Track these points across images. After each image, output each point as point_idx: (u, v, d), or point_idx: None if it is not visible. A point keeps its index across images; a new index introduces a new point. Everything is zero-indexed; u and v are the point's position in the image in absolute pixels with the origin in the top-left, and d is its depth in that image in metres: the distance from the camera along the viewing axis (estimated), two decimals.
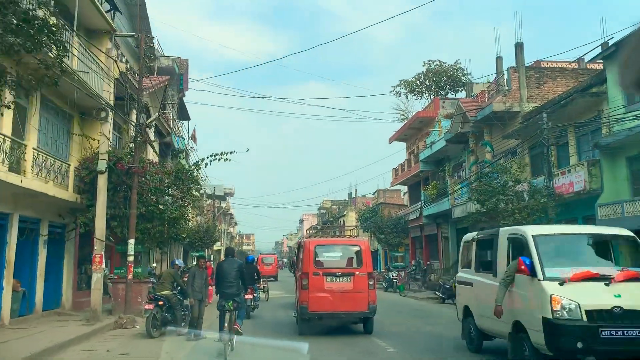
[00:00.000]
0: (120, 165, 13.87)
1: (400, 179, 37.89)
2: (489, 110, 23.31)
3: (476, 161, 26.30)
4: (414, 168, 34.47)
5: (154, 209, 14.99)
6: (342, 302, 11.44)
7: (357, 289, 11.54)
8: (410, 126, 36.14)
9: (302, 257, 12.26)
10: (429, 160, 32.32)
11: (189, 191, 15.98)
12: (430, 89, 36.93)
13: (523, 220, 16.39)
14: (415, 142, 37.64)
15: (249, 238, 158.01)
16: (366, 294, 11.54)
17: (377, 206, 47.98)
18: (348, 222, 59.92)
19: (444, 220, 31.47)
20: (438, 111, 33.37)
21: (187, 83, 28.08)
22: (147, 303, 11.95)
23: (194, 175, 16.01)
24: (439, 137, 30.68)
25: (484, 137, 24.99)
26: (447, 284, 20.69)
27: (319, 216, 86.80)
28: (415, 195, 38.40)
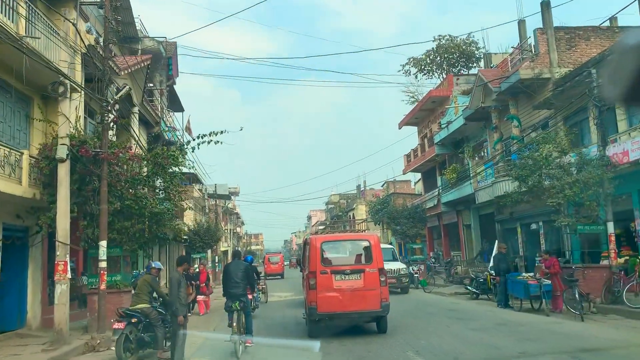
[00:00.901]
0: (84, 150, 11.28)
1: (413, 165, 35.18)
2: (515, 78, 20.59)
3: (501, 138, 23.59)
4: (429, 152, 31.76)
5: (132, 203, 12.41)
6: (353, 301, 10.75)
7: (368, 287, 10.85)
8: (422, 107, 33.42)
9: (309, 254, 11.49)
10: (445, 142, 29.61)
11: (172, 180, 13.36)
12: (442, 67, 34.16)
13: (575, 197, 13.71)
14: (427, 125, 34.92)
15: (257, 237, 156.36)
16: (378, 292, 10.82)
17: (389, 197, 45.33)
18: (358, 215, 57.30)
19: (465, 206, 28.79)
20: (452, 89, 30.68)
21: (177, 68, 25.50)
22: (117, 321, 9.40)
23: (178, 160, 13.41)
24: (455, 116, 27.98)
25: (510, 110, 22.27)
26: (480, 277, 18.04)
27: (327, 211, 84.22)
28: (430, 182, 35.69)
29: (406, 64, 34.82)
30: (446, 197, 29.21)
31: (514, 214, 23.29)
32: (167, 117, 24.28)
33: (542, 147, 15.23)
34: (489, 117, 24.86)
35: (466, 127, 26.88)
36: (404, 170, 37.05)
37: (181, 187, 13.98)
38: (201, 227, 29.09)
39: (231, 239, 79.11)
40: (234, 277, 10.12)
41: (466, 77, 31.19)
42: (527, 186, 15.51)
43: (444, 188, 29.22)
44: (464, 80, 30.91)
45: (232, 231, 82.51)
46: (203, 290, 15.51)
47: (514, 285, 14.32)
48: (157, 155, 13.12)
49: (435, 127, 32.92)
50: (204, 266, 16.79)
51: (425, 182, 36.85)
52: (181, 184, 14.43)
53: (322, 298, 10.73)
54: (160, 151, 13.28)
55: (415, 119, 35.88)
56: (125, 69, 16.57)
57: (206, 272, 15.73)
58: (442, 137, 29.07)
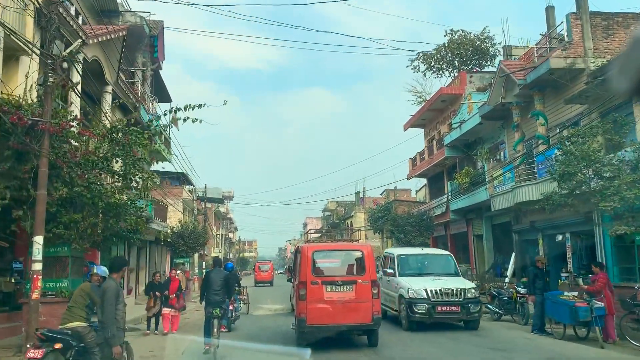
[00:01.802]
0: (17, 117, 8.61)
1: (419, 169, 32.60)
2: (544, 68, 18.09)
3: (522, 138, 21.06)
4: (437, 155, 29.20)
5: (83, 191, 9.75)
6: (344, 313, 10.48)
7: (360, 299, 10.59)
8: (430, 107, 30.91)
9: (300, 263, 11.19)
10: (456, 144, 27.06)
11: (135, 164, 10.62)
12: (453, 64, 31.70)
13: (636, 200, 11.12)
14: (436, 127, 32.40)
15: (251, 244, 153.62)
16: (370, 304, 10.56)
17: (390, 204, 42.73)
18: (356, 223, 54.65)
19: (477, 215, 26.21)
20: (465, 87, 28.20)
21: (163, 51, 22.93)
22: (34, 347, 6.74)
23: (142, 138, 10.70)
24: (468, 115, 25.48)
25: (535, 106, 19.75)
26: (503, 294, 15.41)
27: (324, 219, 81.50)
28: (437, 188, 33.10)
29: (415, 59, 32.38)
30: (456, 204, 26.62)
31: (536, 223, 20.75)
32: (150, 105, 21.67)
33: (590, 139, 12.65)
34: (508, 116, 22.36)
35: (481, 127, 24.37)
36: (409, 175, 34.48)
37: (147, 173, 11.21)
38: (185, 229, 26.40)
39: (223, 245, 76.20)
40: (214, 285, 10.34)
41: (480, 75, 28.74)
42: (572, 186, 12.86)
43: (454, 194, 26.65)
44: (478, 78, 28.46)
45: (224, 236, 79.61)
46: (172, 303, 12.70)
47: (555, 307, 11.66)
48: (114, 129, 10.36)
49: (445, 129, 30.42)
50: (176, 273, 13.89)
51: (431, 188, 34.27)
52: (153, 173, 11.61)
53: (312, 309, 10.43)
54: (120, 125, 10.50)
55: (422, 120, 33.37)
56: (93, 37, 14.02)
57: (178, 281, 12.97)
58: (453, 138, 26.53)
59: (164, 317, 12.89)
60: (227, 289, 10.56)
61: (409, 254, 17.08)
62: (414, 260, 16.53)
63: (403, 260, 15.97)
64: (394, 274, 15.27)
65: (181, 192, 41.24)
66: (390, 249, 19.37)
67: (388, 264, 16.59)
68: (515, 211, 21.98)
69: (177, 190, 40.64)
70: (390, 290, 15.37)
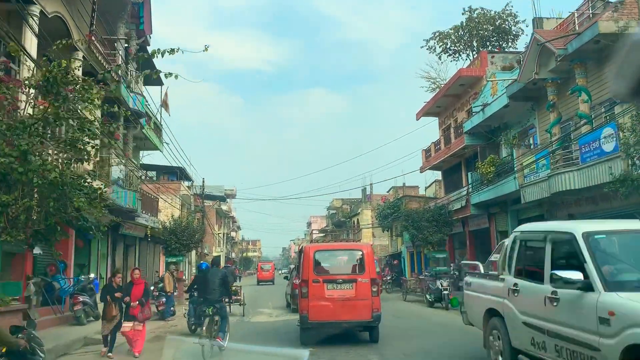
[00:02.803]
0: None
1: (433, 161, 29.92)
2: (590, 34, 15.46)
3: (559, 119, 18.42)
4: (455, 144, 26.55)
5: (13, 162, 7.17)
6: (344, 310, 10.81)
7: (360, 297, 10.89)
8: (447, 92, 28.25)
9: (302, 263, 11.61)
10: (477, 130, 24.40)
11: (83, 127, 7.87)
12: (471, 46, 29.03)
13: None
14: (452, 114, 29.75)
15: (254, 244, 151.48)
16: (369, 302, 10.86)
17: (400, 200, 40.13)
18: (363, 221, 52.06)
19: (501, 209, 23.54)
20: (486, 68, 25.57)
21: (150, 23, 20.38)
22: None
23: (91, 91, 7.94)
24: (492, 97, 22.84)
25: (575, 81, 17.12)
26: None
27: (328, 217, 78.88)
28: (453, 181, 30.45)
29: (430, 38, 29.68)
30: (477, 197, 23.95)
31: (575, 216, 18.11)
32: (135, 85, 19.12)
33: None
34: (540, 95, 19.74)
35: (507, 110, 21.72)
36: (422, 167, 31.82)
37: (100, 137, 8.42)
38: (178, 225, 23.84)
39: (224, 244, 73.68)
40: (211, 284, 10.35)
41: (503, 56, 26.10)
42: None
43: (475, 186, 24.00)
44: (500, 59, 25.82)
45: (225, 235, 77.11)
46: (134, 313, 9.67)
47: None
48: (50, 78, 7.57)
49: (462, 116, 27.79)
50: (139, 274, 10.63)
51: (447, 181, 31.61)
52: (111, 141, 8.76)
53: (313, 307, 10.81)
54: (57, 70, 7.73)
55: (437, 107, 30.71)
56: None
57: (144, 284, 10.19)
58: (474, 124, 23.86)
59: (125, 336, 9.78)
60: (224, 288, 10.62)
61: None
62: None
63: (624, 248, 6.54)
64: (591, 282, 5.69)
65: (178, 187, 38.84)
66: (556, 224, 8.24)
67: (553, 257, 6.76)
68: (550, 203, 19.37)
69: (174, 186, 38.25)
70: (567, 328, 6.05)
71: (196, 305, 12.07)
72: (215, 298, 10.24)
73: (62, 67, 7.30)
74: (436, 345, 11.04)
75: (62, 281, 14.67)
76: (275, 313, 18.73)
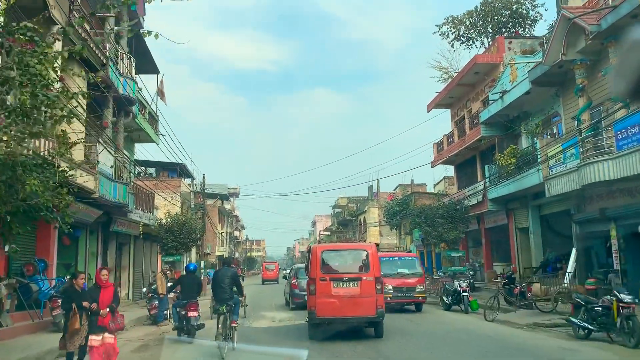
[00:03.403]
0: None
1: (446, 154, 28.31)
2: (629, 7, 13.86)
3: (589, 104, 16.82)
4: (471, 135, 24.94)
5: None
6: (350, 307, 11.37)
7: (365, 294, 11.44)
8: (460, 81, 26.67)
9: (310, 262, 12.13)
10: (494, 120, 22.81)
11: (35, 92, 6.14)
12: (486, 32, 27.41)
13: None
14: (466, 105, 28.16)
15: (259, 244, 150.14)
16: (373, 299, 11.43)
17: (409, 197, 38.54)
18: (369, 219, 50.43)
19: (521, 204, 21.95)
20: (503, 54, 24.01)
21: (143, 5, 18.86)
22: None
23: (41, 45, 6.27)
24: (511, 84, 21.23)
25: (609, 61, 15.52)
26: (594, 304, 11.15)
27: (334, 216, 77.27)
28: (467, 175, 28.85)
29: (443, 24, 28.07)
30: (496, 192, 22.35)
31: (607, 210, 16.52)
32: (126, 69, 17.61)
33: None
34: (566, 80, 18.19)
35: (528, 97, 20.13)
36: (433, 162, 30.20)
37: (60, 104, 6.76)
38: (175, 222, 22.32)
39: (228, 244, 72.23)
40: (222, 284, 10.63)
41: (521, 41, 24.50)
42: None
43: (493, 180, 22.39)
44: (519, 44, 24.24)
45: (229, 234, 75.63)
46: (104, 323, 7.91)
47: None
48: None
49: (477, 107, 26.19)
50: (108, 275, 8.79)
51: (460, 176, 30.00)
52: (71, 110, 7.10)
53: (320, 303, 11.35)
54: None
55: (449, 98, 29.13)
56: None
57: (113, 287, 8.46)
58: (492, 113, 22.25)
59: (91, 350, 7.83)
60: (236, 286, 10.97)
61: None
62: None
63: None
64: None
65: (179, 185, 37.38)
66: None
67: None
68: (578, 197, 17.76)
69: (175, 183, 36.81)
70: None
71: (179, 308, 11.64)
72: (227, 296, 10.52)
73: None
74: None
75: (41, 282, 13.16)
76: (279, 317, 17.19)
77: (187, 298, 11.54)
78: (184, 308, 11.38)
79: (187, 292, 11.71)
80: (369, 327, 12.04)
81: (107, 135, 16.07)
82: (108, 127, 16.28)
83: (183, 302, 11.55)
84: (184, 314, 11.33)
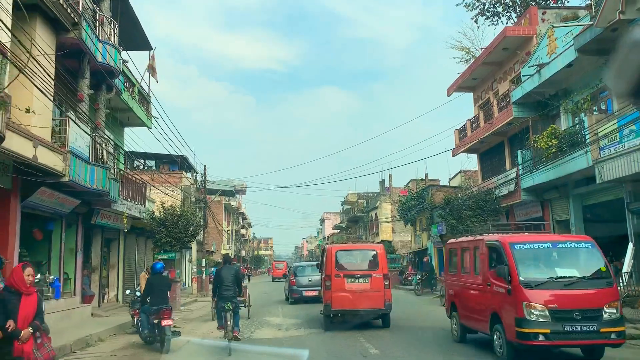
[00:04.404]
0: None
1: (470, 140, 25.62)
2: None
3: None
4: (500, 117, 22.28)
5: None
6: (361, 300, 12.66)
7: (374, 289, 12.75)
8: (486, 59, 24.03)
9: (326, 260, 13.43)
10: (528, 100, 20.18)
11: None
12: (514, 6, 24.75)
13: None
14: (491, 86, 25.53)
15: (267, 242, 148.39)
16: (382, 293, 12.73)
17: (425, 190, 35.94)
18: (382, 215, 47.84)
19: (561, 193, 19.30)
20: (536, 26, 21.36)
21: None
22: None
23: None
24: (549, 57, 18.59)
25: None
26: None
27: (343, 213, 74.71)
28: (493, 165, 26.20)
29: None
30: (531, 180, 19.71)
31: None
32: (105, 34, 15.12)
33: None
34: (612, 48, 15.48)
35: (570, 70, 17.52)
36: (455, 150, 27.54)
37: None
38: (169, 215, 19.84)
39: (234, 242, 69.84)
40: (225, 281, 10.80)
41: (557, 12, 21.84)
42: None
43: (527, 166, 19.73)
44: (554, 16, 21.57)
45: (235, 232, 73.26)
46: (26, 351, 5.17)
47: None
48: None
49: (505, 87, 23.55)
50: (33, 276, 5.77)
51: (485, 165, 27.34)
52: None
53: (335, 297, 12.71)
54: None
55: (472, 79, 26.49)
56: None
57: (37, 296, 5.75)
58: (526, 91, 19.57)
59: None
60: (237, 284, 11.06)
61: None
62: None
63: None
64: None
65: (180, 178, 34.98)
66: None
67: None
68: (635, 182, 15.15)
69: (176, 176, 34.45)
70: None
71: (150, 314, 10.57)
72: (231, 294, 10.74)
73: None
74: None
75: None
76: (285, 324, 14.72)
77: (158, 303, 10.29)
78: (156, 315, 10.06)
79: (157, 296, 10.47)
80: (376, 319, 13.45)
81: (82, 110, 13.62)
82: (83, 101, 13.83)
83: (153, 308, 10.34)
84: (157, 322, 10.07)
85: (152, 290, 10.72)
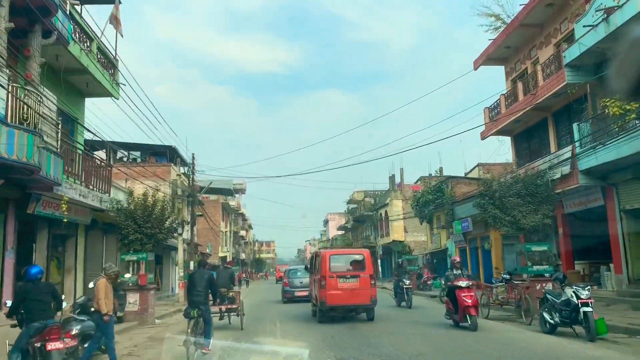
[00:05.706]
0: None
1: (505, 119, 21.44)
2: None
3: None
4: (547, 86, 18.19)
5: None
6: (351, 297, 14.36)
7: (362, 287, 14.46)
8: (524, 21, 20.03)
9: (320, 263, 15.14)
10: (587, 60, 16.14)
11: None
12: None
13: None
14: (529, 55, 21.50)
15: (269, 245, 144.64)
16: (369, 291, 14.46)
17: (444, 183, 31.94)
18: (392, 212, 43.77)
19: (634, 175, 15.26)
20: None
21: None
22: None
23: None
24: (617, 2, 14.55)
25: None
26: None
27: (348, 212, 70.63)
28: (531, 148, 22.14)
29: None
30: (590, 161, 15.68)
31: None
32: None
33: None
34: None
35: None
36: (484, 132, 23.44)
37: None
38: (139, 206, 15.80)
39: (231, 244, 65.77)
40: (197, 286, 10.31)
41: None
42: None
43: (588, 142, 15.67)
44: None
45: (234, 234, 69.20)
46: None
47: None
48: None
49: (548, 53, 19.52)
50: None
51: (521, 149, 23.27)
52: None
53: (329, 295, 14.31)
54: None
55: (505, 48, 22.48)
56: None
57: None
58: (587, 47, 15.50)
59: None
60: (211, 290, 10.66)
61: None
62: None
63: None
64: None
65: (168, 171, 31.07)
66: None
67: None
68: None
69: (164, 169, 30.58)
70: None
71: (32, 334, 7.36)
72: (201, 300, 10.21)
73: None
74: None
75: None
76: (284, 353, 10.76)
77: (39, 318, 7.40)
78: (39, 336, 7.21)
79: (36, 310, 7.46)
80: (363, 312, 15.01)
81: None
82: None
83: (34, 325, 7.38)
84: (39, 346, 7.12)
85: (26, 301, 7.49)
